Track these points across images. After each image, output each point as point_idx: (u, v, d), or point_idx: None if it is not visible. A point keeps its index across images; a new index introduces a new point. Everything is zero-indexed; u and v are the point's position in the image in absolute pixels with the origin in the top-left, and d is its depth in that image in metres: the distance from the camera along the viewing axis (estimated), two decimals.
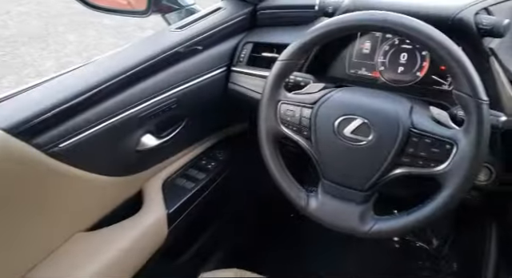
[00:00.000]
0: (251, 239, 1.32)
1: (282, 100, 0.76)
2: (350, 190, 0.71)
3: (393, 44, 0.88)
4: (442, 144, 0.63)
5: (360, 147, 0.68)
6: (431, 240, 1.30)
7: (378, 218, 0.70)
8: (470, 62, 0.62)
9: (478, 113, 0.60)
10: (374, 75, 0.92)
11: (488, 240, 0.92)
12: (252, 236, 1.33)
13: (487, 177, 0.78)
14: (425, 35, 0.62)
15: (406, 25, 0.63)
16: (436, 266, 1.23)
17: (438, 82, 0.84)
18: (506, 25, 0.68)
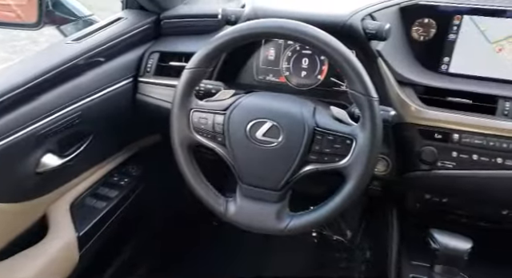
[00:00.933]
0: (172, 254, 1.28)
1: (193, 108, 0.76)
2: (266, 191, 0.73)
3: (294, 50, 0.94)
4: (343, 140, 0.69)
5: (272, 148, 0.71)
6: (345, 232, 1.39)
7: (293, 215, 0.73)
8: (361, 64, 0.68)
9: (371, 109, 0.66)
10: (281, 80, 0.96)
11: (390, 227, 1.01)
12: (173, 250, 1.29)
13: (385, 168, 0.86)
14: (319, 40, 0.67)
15: (302, 31, 0.67)
16: (351, 256, 1.32)
17: (336, 84, 0.91)
18: (388, 29, 0.76)
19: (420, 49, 0.87)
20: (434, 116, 0.80)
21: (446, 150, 0.79)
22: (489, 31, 0.81)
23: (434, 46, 0.86)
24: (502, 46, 0.81)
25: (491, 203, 0.87)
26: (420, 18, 0.86)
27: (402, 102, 0.81)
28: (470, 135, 0.78)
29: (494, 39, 0.82)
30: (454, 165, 0.79)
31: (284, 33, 0.69)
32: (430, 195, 0.90)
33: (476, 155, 0.78)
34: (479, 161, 0.77)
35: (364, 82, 0.67)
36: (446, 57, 0.86)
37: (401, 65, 0.84)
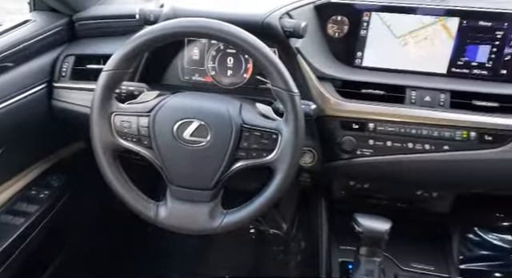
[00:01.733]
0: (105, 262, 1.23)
1: (115, 111, 0.73)
2: (197, 191, 0.73)
3: (219, 49, 0.94)
4: (270, 135, 0.71)
5: (200, 148, 0.71)
6: (281, 226, 1.43)
7: (226, 212, 0.73)
8: (282, 61, 0.70)
9: (293, 104, 0.69)
10: (207, 80, 0.96)
11: (320, 216, 1.07)
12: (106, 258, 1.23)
13: (311, 159, 0.90)
14: (240, 39, 0.68)
15: (224, 30, 0.68)
16: (287, 248, 1.36)
17: (262, 81, 0.93)
18: (304, 26, 0.80)
19: (336, 45, 0.92)
20: (351, 108, 0.85)
21: (363, 139, 0.85)
22: (394, 27, 0.89)
23: (347, 42, 0.92)
24: (407, 40, 0.89)
25: (406, 185, 0.95)
26: (334, 16, 0.91)
27: (322, 96, 0.85)
28: (384, 123, 0.84)
29: (399, 34, 0.89)
30: (371, 152, 0.85)
31: (206, 33, 0.69)
32: (353, 182, 0.96)
33: (390, 141, 0.84)
34: (393, 147, 0.84)
35: (285, 78, 0.69)
36: (359, 52, 0.92)
37: (319, 61, 0.88)
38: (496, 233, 1.52)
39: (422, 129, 0.82)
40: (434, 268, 0.93)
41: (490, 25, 0.84)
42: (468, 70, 0.88)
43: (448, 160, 0.82)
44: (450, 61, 0.88)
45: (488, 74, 0.87)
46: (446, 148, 0.82)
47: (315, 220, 1.08)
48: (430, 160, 0.83)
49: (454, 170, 0.83)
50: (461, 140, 0.81)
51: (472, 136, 0.81)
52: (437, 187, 0.96)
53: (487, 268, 1.49)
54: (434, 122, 0.82)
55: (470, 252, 1.51)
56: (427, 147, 0.83)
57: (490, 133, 0.80)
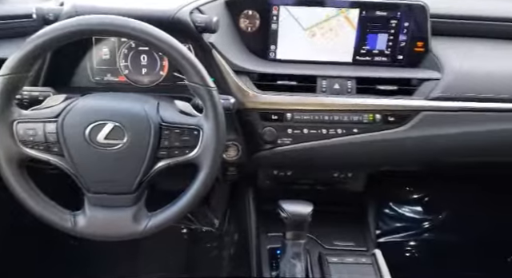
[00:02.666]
0: None
1: (16, 119, 0.68)
2: (119, 196, 0.70)
3: (130, 47, 0.91)
4: (191, 132, 0.70)
5: (117, 151, 0.68)
6: (213, 222, 1.44)
7: (151, 214, 0.72)
8: (196, 57, 0.70)
9: (211, 99, 0.69)
10: (121, 79, 0.92)
11: (248, 207, 1.09)
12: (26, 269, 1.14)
13: (236, 153, 0.91)
14: (150, 35, 0.66)
15: (132, 27, 0.66)
16: (221, 243, 1.37)
17: (179, 78, 0.92)
18: (216, 21, 0.80)
19: (250, 40, 0.94)
20: (268, 99, 0.88)
21: (282, 128, 0.88)
22: (302, 19, 0.93)
23: (261, 36, 0.94)
24: (314, 32, 0.94)
25: (324, 168, 1.01)
26: (245, 10, 0.92)
27: (240, 90, 0.87)
28: (300, 112, 0.88)
29: (307, 26, 0.94)
30: (291, 141, 0.89)
31: (114, 30, 0.66)
32: (277, 170, 1.00)
33: (306, 129, 0.89)
34: (309, 134, 0.88)
35: (200, 74, 0.69)
36: (272, 46, 0.95)
37: (235, 55, 0.89)
38: (408, 206, 1.69)
39: (333, 115, 0.88)
40: (354, 243, 1.01)
41: (386, 15, 0.91)
42: (370, 58, 0.95)
43: (358, 142, 0.89)
44: (354, 50, 0.95)
45: (387, 60, 0.95)
46: (356, 131, 0.89)
47: (244, 211, 1.10)
48: (343, 143, 0.89)
49: (364, 151, 0.90)
50: (368, 123, 0.88)
51: (377, 118, 0.88)
52: (351, 168, 1.04)
53: (403, 238, 1.65)
54: (344, 108, 0.88)
55: (387, 226, 1.66)
56: (339, 131, 0.89)
57: (392, 114, 0.88)
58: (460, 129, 0.87)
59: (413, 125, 0.88)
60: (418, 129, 0.88)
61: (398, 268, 1.51)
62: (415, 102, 0.87)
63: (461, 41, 0.99)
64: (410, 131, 0.88)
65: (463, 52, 0.94)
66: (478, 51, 0.96)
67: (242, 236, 1.16)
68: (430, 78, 0.88)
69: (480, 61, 0.92)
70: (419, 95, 0.88)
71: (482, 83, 0.88)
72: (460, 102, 0.86)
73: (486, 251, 1.52)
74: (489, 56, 0.95)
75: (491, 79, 0.88)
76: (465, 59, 0.91)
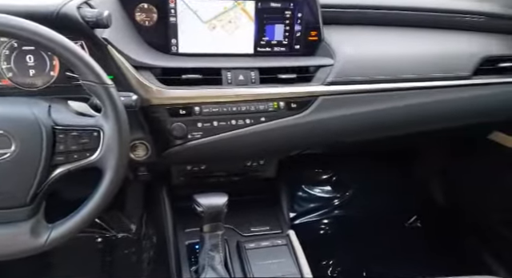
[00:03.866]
0: None
1: None
2: (12, 210, 0.63)
3: (12, 47, 0.82)
4: (90, 133, 0.66)
5: (4, 161, 0.61)
6: (130, 227, 1.37)
7: (52, 226, 0.66)
8: (91, 54, 0.65)
9: (109, 97, 0.66)
10: (4, 83, 0.83)
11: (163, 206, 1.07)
12: None
13: (145, 152, 0.88)
14: (33, 33, 0.60)
15: (11, 24, 0.59)
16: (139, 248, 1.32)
17: (73, 78, 0.85)
18: (107, 15, 0.76)
19: (149, 34, 0.91)
20: (174, 94, 0.86)
21: (192, 123, 0.88)
22: (201, 12, 0.92)
23: (160, 30, 0.91)
24: (214, 25, 0.94)
25: (237, 158, 1.03)
26: (140, 4, 0.89)
27: (143, 85, 0.83)
28: (208, 105, 0.88)
29: (206, 19, 0.93)
30: (201, 135, 0.88)
31: None
32: (190, 166, 0.99)
33: (216, 121, 0.89)
34: (219, 126, 0.89)
35: (94, 71, 0.65)
36: (173, 39, 0.93)
37: (134, 50, 0.85)
38: (319, 187, 1.80)
39: (240, 105, 0.90)
40: (269, 227, 1.04)
41: (280, 6, 0.95)
42: (270, 48, 0.98)
43: (266, 130, 0.92)
44: (255, 42, 0.97)
45: (286, 50, 0.99)
46: (263, 119, 0.91)
47: (160, 211, 1.07)
48: (253, 132, 0.91)
49: (273, 138, 0.93)
50: (273, 111, 0.92)
51: (281, 105, 0.92)
52: (262, 155, 1.07)
53: (317, 217, 1.76)
54: (250, 98, 0.90)
55: (301, 208, 1.75)
56: (248, 121, 0.90)
57: (294, 101, 0.92)
58: (355, 109, 0.95)
59: (313, 109, 0.93)
60: (318, 112, 0.94)
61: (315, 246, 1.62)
62: (313, 88, 0.93)
63: (351, 29, 1.07)
64: (312, 115, 0.93)
65: (353, 39, 1.02)
66: (367, 38, 1.05)
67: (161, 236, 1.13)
68: (325, 65, 0.95)
69: (369, 47, 1.01)
70: (316, 81, 0.94)
71: (371, 67, 0.96)
72: (352, 85, 0.94)
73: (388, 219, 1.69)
74: (377, 42, 1.04)
75: (379, 63, 0.97)
76: (355, 46, 0.99)
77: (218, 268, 0.79)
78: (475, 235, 1.43)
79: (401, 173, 1.75)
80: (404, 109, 0.96)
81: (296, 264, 0.89)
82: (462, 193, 1.53)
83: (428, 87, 0.96)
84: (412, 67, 0.96)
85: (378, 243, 1.56)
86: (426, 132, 1.07)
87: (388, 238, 1.59)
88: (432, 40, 1.05)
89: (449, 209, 1.59)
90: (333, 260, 1.52)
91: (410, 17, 1.08)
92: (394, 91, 0.95)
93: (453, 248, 1.45)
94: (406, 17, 1.07)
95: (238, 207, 0.87)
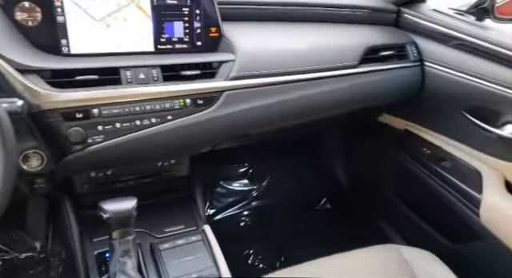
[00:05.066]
0: None
1: None
2: None
3: None
4: None
5: None
6: (34, 246, 1.26)
7: None
8: None
9: None
10: None
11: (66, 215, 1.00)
12: None
13: (41, 162, 0.81)
14: None
15: None
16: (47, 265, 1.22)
17: None
18: None
19: (33, 35, 0.83)
20: (68, 97, 0.80)
21: (91, 126, 0.83)
22: (91, 10, 0.87)
23: (46, 30, 0.84)
24: (109, 23, 0.90)
25: (145, 160, 1.00)
26: (19, 3, 0.81)
27: (31, 90, 0.77)
28: (108, 106, 0.84)
29: (99, 17, 0.88)
30: (103, 138, 0.84)
31: None
32: (94, 172, 0.93)
33: (118, 123, 0.85)
34: (123, 128, 0.86)
35: None
36: (63, 40, 0.87)
37: (17, 52, 0.78)
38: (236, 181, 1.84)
39: (144, 104, 0.87)
40: (184, 225, 1.04)
41: (177, 3, 0.94)
42: (171, 46, 0.97)
43: (174, 129, 0.90)
44: (154, 39, 0.95)
45: (188, 47, 0.99)
46: (170, 117, 0.90)
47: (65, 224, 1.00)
48: (160, 132, 0.89)
49: (182, 136, 0.93)
50: (180, 108, 0.91)
51: (188, 102, 0.92)
52: (172, 155, 1.06)
53: (237, 210, 1.79)
54: (153, 96, 0.88)
55: (220, 203, 1.77)
56: (154, 120, 0.88)
57: (200, 98, 0.93)
58: (258, 102, 0.98)
59: (219, 104, 0.95)
60: (224, 108, 0.95)
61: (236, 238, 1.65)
62: (217, 84, 0.94)
63: (250, 25, 1.10)
64: (218, 111, 0.95)
65: (252, 34, 1.06)
66: (265, 33, 1.09)
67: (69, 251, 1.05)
68: (227, 60, 0.96)
69: (267, 42, 1.05)
70: (220, 77, 0.95)
71: (270, 60, 1.00)
72: (254, 79, 0.97)
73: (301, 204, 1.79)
74: (274, 37, 1.08)
75: (277, 56, 1.02)
76: (253, 41, 1.03)
77: (130, 273, 0.77)
78: (375, 209, 1.59)
79: (309, 159, 1.86)
80: (302, 99, 1.02)
81: (212, 258, 0.90)
82: (361, 172, 1.68)
83: (321, 77, 1.04)
84: (306, 59, 1.02)
85: (293, 228, 1.64)
86: (324, 119, 1.15)
87: (302, 222, 1.69)
88: (324, 33, 1.13)
89: (352, 188, 1.73)
90: (253, 250, 1.57)
91: (304, 13, 1.15)
92: (293, 83, 1.01)
93: (357, 224, 1.59)
94: (300, 13, 1.14)
95: (150, 209, 0.85)
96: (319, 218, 1.76)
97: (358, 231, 1.50)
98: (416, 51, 1.15)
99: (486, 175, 1.03)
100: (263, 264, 1.52)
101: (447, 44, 1.09)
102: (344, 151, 1.73)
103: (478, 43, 1.00)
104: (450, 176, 1.11)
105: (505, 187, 1.00)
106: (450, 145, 1.16)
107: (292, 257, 1.00)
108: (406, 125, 1.31)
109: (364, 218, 1.62)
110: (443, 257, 1.00)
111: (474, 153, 1.09)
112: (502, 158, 1.03)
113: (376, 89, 1.12)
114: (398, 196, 1.43)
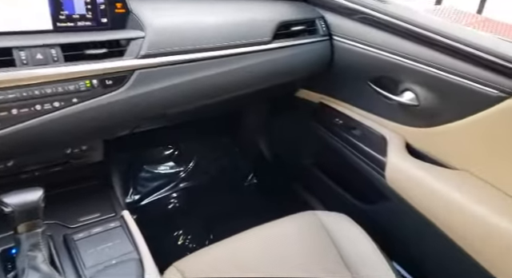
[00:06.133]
0: None
1: None
2: None
3: None
4: None
5: None
6: None
7: None
8: None
9: None
10: None
11: None
12: None
13: None
14: None
15: None
16: None
17: None
18: None
19: None
20: None
21: None
22: None
23: None
24: None
25: (51, 148, 0.93)
26: None
27: None
28: (1, 91, 0.76)
29: None
30: None
31: None
32: None
33: (15, 109, 0.78)
34: (21, 114, 0.78)
35: None
36: None
37: None
38: (162, 164, 1.80)
39: (44, 88, 0.80)
40: (101, 213, 0.99)
41: None
42: (73, 23, 0.90)
43: (81, 112, 0.85)
44: (52, 17, 0.87)
45: (92, 24, 0.92)
46: (76, 100, 0.84)
47: None
48: (64, 116, 0.83)
49: (91, 119, 0.87)
50: (86, 90, 0.85)
51: (95, 83, 0.86)
52: (82, 140, 1.00)
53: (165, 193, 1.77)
54: (55, 78, 0.81)
55: (146, 188, 1.73)
56: (57, 104, 0.82)
57: (109, 78, 0.88)
58: (173, 81, 0.96)
59: (131, 84, 0.90)
60: (136, 87, 0.91)
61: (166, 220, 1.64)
62: (127, 62, 0.89)
63: (161, 1, 1.06)
64: (130, 91, 0.91)
65: (162, 10, 1.02)
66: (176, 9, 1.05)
67: None
68: (136, 37, 0.92)
69: (178, 18, 1.01)
70: (130, 55, 0.91)
71: (181, 37, 0.97)
72: (166, 57, 0.94)
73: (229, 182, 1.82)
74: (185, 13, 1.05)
75: (189, 33, 0.99)
76: (164, 17, 0.99)
77: (41, 266, 0.72)
78: (297, 179, 1.67)
79: (234, 137, 1.88)
80: (218, 77, 1.02)
81: (132, 243, 0.88)
82: (283, 146, 1.74)
83: (236, 54, 1.04)
84: (219, 36, 1.01)
85: (221, 206, 1.67)
86: (243, 96, 1.16)
87: (230, 199, 1.72)
88: (236, 9, 1.12)
89: (276, 162, 1.79)
90: (182, 230, 1.57)
91: None
92: (207, 60, 1.00)
93: (283, 196, 1.66)
94: None
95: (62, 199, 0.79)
96: (247, 193, 1.80)
97: (283, 202, 1.56)
98: (325, 26, 1.20)
99: (390, 139, 1.12)
100: (192, 243, 1.53)
101: (352, 18, 1.15)
102: (266, 126, 1.78)
103: (378, 16, 1.06)
104: (359, 143, 1.19)
105: (406, 150, 1.10)
106: (359, 115, 1.24)
107: (221, 234, 1.02)
108: (320, 99, 1.37)
109: (288, 189, 1.69)
110: (357, 218, 1.09)
111: (380, 120, 1.19)
112: (402, 123, 1.13)
113: (289, 64, 1.15)
114: (317, 166, 1.51)
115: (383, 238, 1.05)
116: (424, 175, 1.01)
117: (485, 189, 0.93)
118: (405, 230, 1.16)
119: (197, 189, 1.78)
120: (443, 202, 0.96)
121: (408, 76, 1.05)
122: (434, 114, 1.03)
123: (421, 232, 1.06)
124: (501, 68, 0.86)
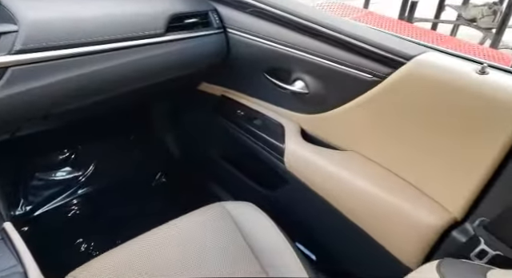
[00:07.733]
0: None
1: None
2: None
3: None
4: None
5: None
6: None
7: None
8: None
9: None
10: None
11: None
12: None
13: None
14: None
15: None
16: None
17: None
18: None
19: None
20: None
21: None
22: None
23: None
24: None
25: None
26: None
27: None
28: None
29: None
30: None
31: None
32: None
33: None
34: None
35: None
36: None
37: None
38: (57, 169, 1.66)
39: None
40: None
41: None
42: None
43: None
44: None
45: None
46: None
47: None
48: None
49: None
50: None
51: None
52: None
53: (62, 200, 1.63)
54: None
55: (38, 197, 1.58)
56: None
57: None
58: (55, 77, 0.88)
59: (4, 83, 0.82)
60: (11, 86, 0.83)
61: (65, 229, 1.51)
62: None
63: None
64: (4, 90, 0.82)
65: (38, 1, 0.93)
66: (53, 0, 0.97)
67: None
68: (8, 31, 0.83)
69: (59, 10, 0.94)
70: (2, 51, 0.82)
71: (63, 31, 0.90)
72: (46, 52, 0.86)
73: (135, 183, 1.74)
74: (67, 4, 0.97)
75: (72, 26, 0.92)
76: (40, 9, 0.90)
77: None
78: (206, 173, 1.67)
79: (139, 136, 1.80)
80: (106, 71, 0.96)
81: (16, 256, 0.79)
82: (190, 141, 1.72)
83: (126, 47, 0.99)
84: (105, 29, 0.96)
85: (127, 209, 1.59)
86: (138, 91, 1.12)
87: (136, 201, 1.65)
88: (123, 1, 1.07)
89: (184, 158, 1.77)
90: (85, 238, 1.47)
91: None
92: (92, 54, 0.93)
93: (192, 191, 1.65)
94: None
95: None
96: (155, 193, 1.75)
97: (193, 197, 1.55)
98: (218, 18, 1.20)
99: (287, 127, 1.18)
100: (97, 250, 1.44)
101: (244, 11, 1.17)
102: (172, 123, 1.74)
103: (267, 9, 1.10)
104: (260, 132, 1.23)
105: (301, 136, 1.17)
106: (258, 105, 1.28)
107: (128, 239, 0.97)
108: (222, 92, 1.38)
109: (198, 184, 1.68)
110: (262, 206, 1.12)
111: (277, 109, 1.24)
112: (296, 111, 1.19)
113: (184, 56, 1.14)
114: (223, 158, 1.53)
115: (287, 222, 1.10)
116: (318, 158, 1.09)
117: (369, 166, 1.03)
118: (305, 211, 1.23)
119: (99, 194, 1.68)
120: (335, 181, 1.04)
121: (298, 66, 1.11)
122: (322, 101, 1.10)
123: (319, 211, 1.13)
124: (373, 54, 0.95)
